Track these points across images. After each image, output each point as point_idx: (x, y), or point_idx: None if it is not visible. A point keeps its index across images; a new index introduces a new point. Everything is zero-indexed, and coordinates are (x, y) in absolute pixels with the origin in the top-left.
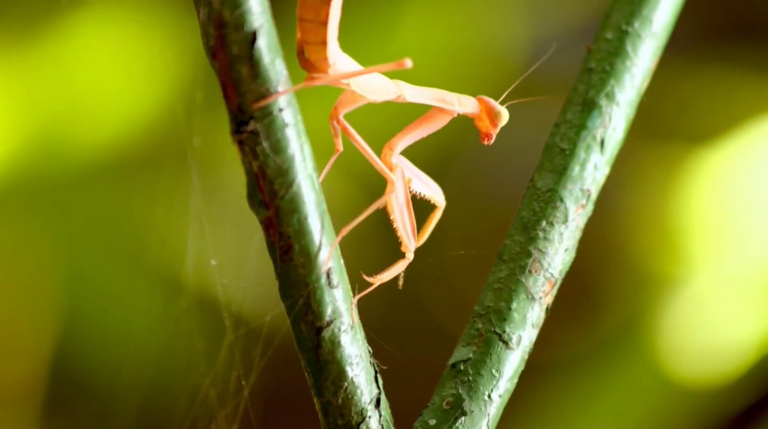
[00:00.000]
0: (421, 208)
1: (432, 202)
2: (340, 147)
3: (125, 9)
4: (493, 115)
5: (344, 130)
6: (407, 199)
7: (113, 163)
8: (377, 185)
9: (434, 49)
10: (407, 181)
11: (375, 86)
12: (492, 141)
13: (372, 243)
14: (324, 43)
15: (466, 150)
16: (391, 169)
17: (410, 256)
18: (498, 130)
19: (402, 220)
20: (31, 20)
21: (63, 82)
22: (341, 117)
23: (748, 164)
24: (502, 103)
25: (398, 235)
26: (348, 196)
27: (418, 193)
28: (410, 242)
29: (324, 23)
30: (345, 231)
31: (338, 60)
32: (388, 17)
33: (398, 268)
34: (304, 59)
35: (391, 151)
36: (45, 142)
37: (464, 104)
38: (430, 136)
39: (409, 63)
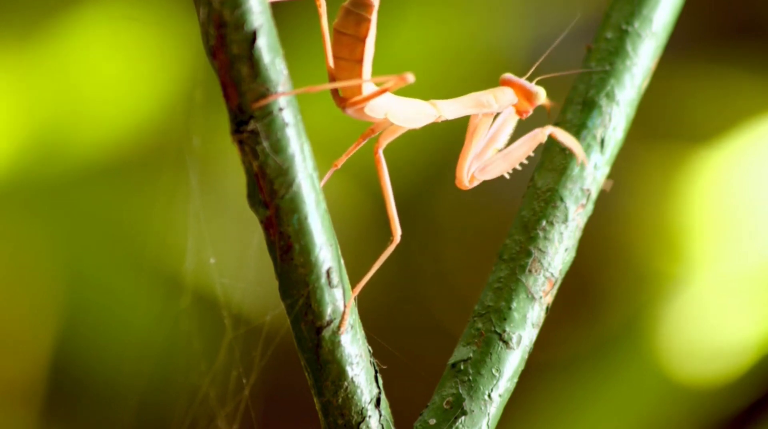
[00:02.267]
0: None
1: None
2: (339, 164)
3: (125, 8)
4: (531, 98)
5: (377, 163)
6: None
7: (113, 162)
8: (377, 186)
9: (434, 48)
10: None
11: (412, 114)
12: (528, 115)
13: (372, 243)
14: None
15: None
16: (470, 182)
17: None
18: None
19: None
20: (31, 20)
21: (63, 82)
22: (381, 150)
23: (748, 164)
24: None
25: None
26: (348, 196)
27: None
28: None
29: (359, 61)
30: (359, 287)
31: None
32: (388, 17)
33: None
34: (339, 97)
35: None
36: (45, 141)
37: (501, 100)
38: (427, 136)
39: (411, 78)
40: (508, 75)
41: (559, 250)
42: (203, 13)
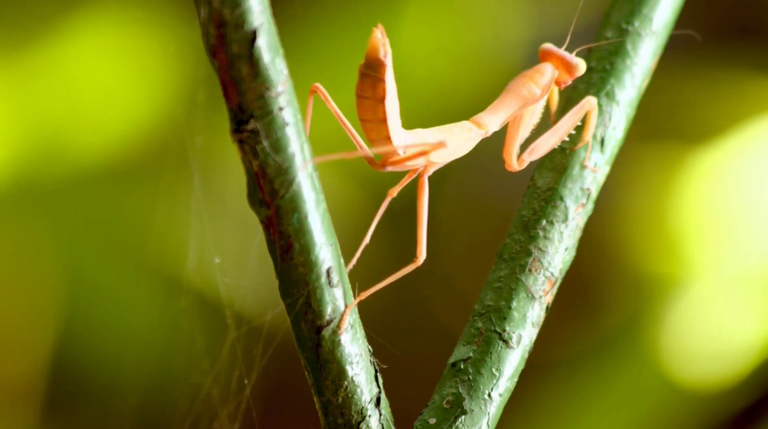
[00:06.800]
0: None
1: (584, 112)
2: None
3: (126, 9)
4: (572, 70)
5: (420, 186)
6: None
7: (115, 162)
8: (377, 185)
9: (434, 49)
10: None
11: (457, 146)
12: (566, 86)
13: (372, 242)
14: (388, 137)
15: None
16: (520, 165)
17: None
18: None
19: None
20: (32, 22)
21: (64, 83)
22: (427, 176)
23: (748, 164)
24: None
25: None
26: (348, 196)
27: (562, 139)
28: None
29: (383, 121)
30: (367, 293)
31: (408, 143)
32: (388, 17)
33: None
34: (374, 162)
35: (518, 157)
36: (47, 142)
37: (542, 83)
38: None
39: (449, 142)
40: (548, 45)
41: (559, 250)
42: (203, 12)
